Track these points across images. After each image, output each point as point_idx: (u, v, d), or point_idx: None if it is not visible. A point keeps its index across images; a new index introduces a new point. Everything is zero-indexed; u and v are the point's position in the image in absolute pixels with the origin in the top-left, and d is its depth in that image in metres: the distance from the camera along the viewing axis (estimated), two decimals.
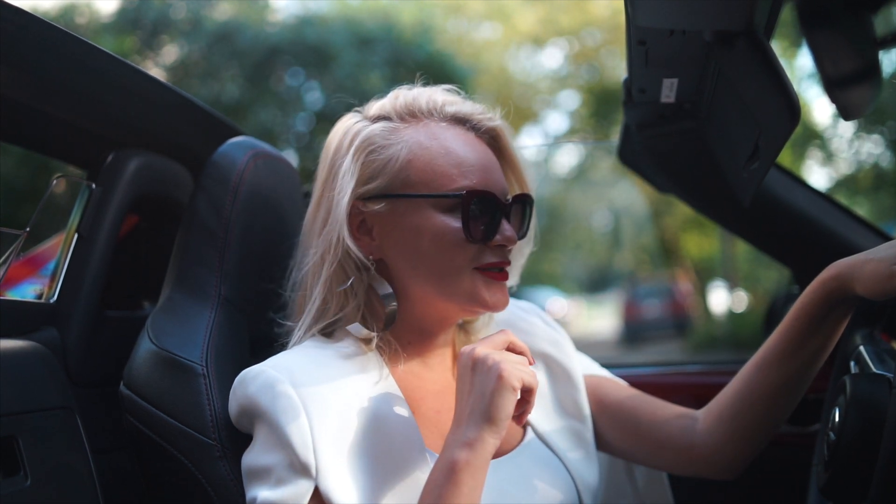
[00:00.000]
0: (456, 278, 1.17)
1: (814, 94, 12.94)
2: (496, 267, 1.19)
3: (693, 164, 1.76)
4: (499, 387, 1.04)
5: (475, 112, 1.24)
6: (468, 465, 1.03)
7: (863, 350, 1.24)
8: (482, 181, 1.17)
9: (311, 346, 1.20)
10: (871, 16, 0.93)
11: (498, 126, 1.26)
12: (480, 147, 1.22)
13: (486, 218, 1.17)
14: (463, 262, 1.17)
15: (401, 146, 1.19)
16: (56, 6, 11.25)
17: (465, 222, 1.15)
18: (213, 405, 1.19)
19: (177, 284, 1.36)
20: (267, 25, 12.26)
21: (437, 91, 1.26)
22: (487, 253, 1.18)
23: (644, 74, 1.40)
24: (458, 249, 1.16)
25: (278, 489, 1.05)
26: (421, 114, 1.22)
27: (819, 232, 1.75)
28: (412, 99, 1.24)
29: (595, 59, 17.01)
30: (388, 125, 1.22)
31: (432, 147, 1.18)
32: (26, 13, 1.19)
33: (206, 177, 1.41)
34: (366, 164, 1.19)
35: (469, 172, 1.17)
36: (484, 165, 1.19)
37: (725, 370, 1.96)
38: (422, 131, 1.20)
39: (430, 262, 1.17)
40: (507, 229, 1.19)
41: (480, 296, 1.18)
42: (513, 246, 1.20)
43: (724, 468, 1.30)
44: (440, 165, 1.17)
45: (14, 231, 1.36)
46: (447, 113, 1.22)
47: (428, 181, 1.17)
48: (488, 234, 1.17)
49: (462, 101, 1.26)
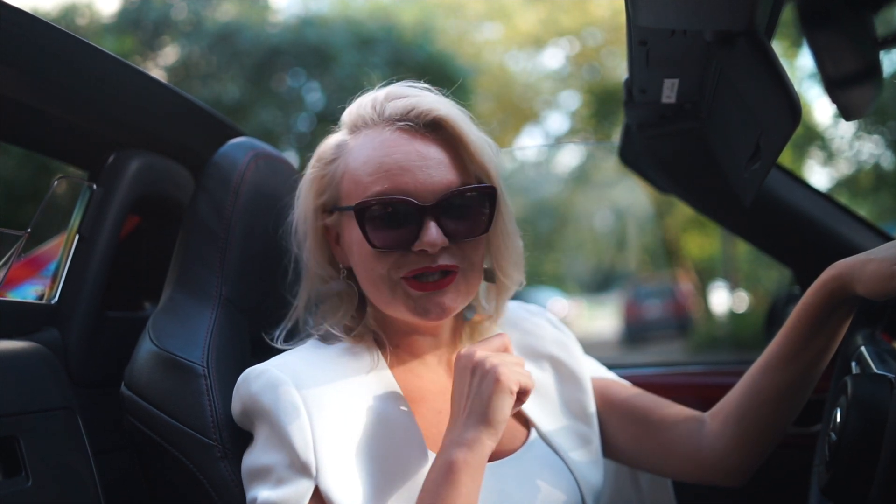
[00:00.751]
0: (382, 287, 1.16)
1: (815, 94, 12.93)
2: (419, 274, 1.14)
3: (694, 165, 1.76)
4: (497, 390, 1.05)
5: (411, 106, 1.17)
6: (466, 466, 1.03)
7: (864, 350, 1.24)
8: (394, 185, 1.12)
9: (313, 347, 1.21)
10: (872, 16, 0.93)
11: (440, 115, 1.16)
12: (410, 145, 1.15)
13: (396, 224, 1.12)
14: (383, 271, 1.14)
15: (340, 160, 1.20)
16: (56, 7, 11.26)
17: (364, 233, 1.13)
18: (214, 406, 1.19)
19: (178, 285, 1.36)
20: (268, 26, 12.27)
21: (383, 92, 1.22)
22: (410, 260, 1.14)
23: (645, 75, 1.40)
24: (373, 259, 1.15)
25: (279, 489, 1.05)
26: (364, 122, 1.21)
27: (820, 232, 1.75)
28: (360, 108, 1.23)
29: (596, 59, 17.00)
30: (340, 139, 1.23)
31: (359, 157, 1.17)
32: (27, 14, 1.19)
33: (207, 177, 1.41)
34: (317, 178, 1.23)
35: (381, 178, 1.13)
36: (401, 167, 1.13)
37: (727, 370, 1.96)
38: (360, 142, 1.19)
39: (361, 273, 1.19)
40: (430, 233, 1.11)
41: (403, 304, 1.16)
42: (435, 249, 1.12)
43: (729, 474, 1.30)
44: (359, 175, 1.16)
45: (15, 232, 1.36)
46: (384, 116, 1.19)
47: (351, 193, 1.17)
48: (404, 240, 1.13)
49: (405, 95, 1.20)
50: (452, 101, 1.22)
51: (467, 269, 1.17)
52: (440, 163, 1.15)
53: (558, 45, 17.90)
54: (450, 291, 1.16)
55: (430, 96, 1.20)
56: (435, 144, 1.16)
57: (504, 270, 1.26)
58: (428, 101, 1.18)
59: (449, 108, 1.18)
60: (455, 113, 1.18)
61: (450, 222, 1.14)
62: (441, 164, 1.15)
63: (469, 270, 1.18)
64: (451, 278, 1.15)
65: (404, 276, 1.14)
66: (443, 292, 1.15)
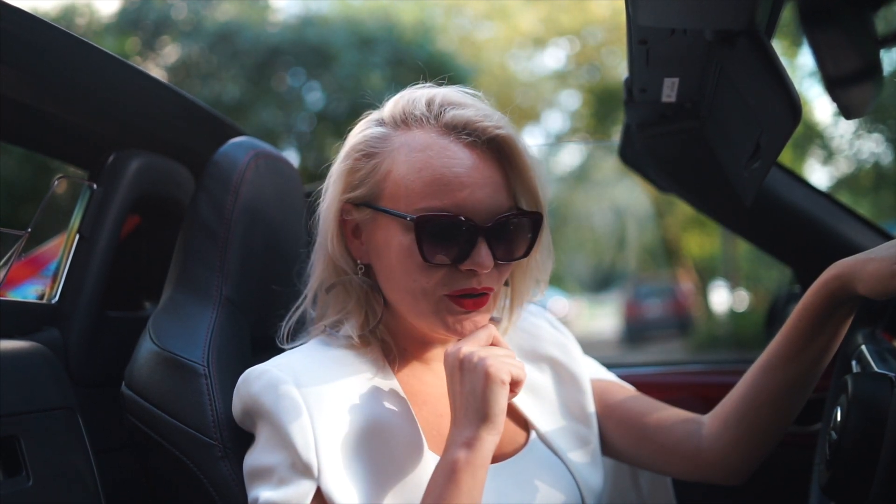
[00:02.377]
0: (420, 300, 1.14)
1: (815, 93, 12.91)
2: (466, 294, 1.13)
3: (694, 164, 1.75)
4: (489, 383, 1.05)
5: (475, 119, 1.13)
6: (468, 465, 1.03)
7: (864, 349, 1.24)
8: (453, 202, 1.09)
9: (316, 347, 1.20)
10: (872, 15, 0.93)
11: (502, 134, 1.13)
12: (470, 161, 1.11)
13: (454, 240, 1.10)
14: (428, 285, 1.12)
15: (384, 156, 1.15)
16: (56, 7, 11.26)
17: (420, 246, 1.10)
18: (215, 405, 1.19)
19: (178, 285, 1.36)
20: (268, 25, 12.27)
21: (439, 93, 1.18)
22: (459, 277, 1.12)
23: (645, 74, 1.40)
24: (419, 272, 1.12)
25: (280, 489, 1.05)
26: (414, 120, 1.15)
27: (820, 231, 1.74)
28: (410, 103, 1.17)
29: (596, 58, 17.00)
30: (382, 132, 1.17)
31: (411, 160, 1.12)
32: (27, 14, 1.19)
33: (207, 177, 1.41)
34: (352, 171, 1.17)
35: (441, 191, 1.10)
36: (462, 182, 1.10)
37: (727, 370, 1.96)
38: (409, 142, 1.14)
39: (399, 279, 1.15)
40: (482, 254, 1.10)
41: (443, 321, 1.14)
42: (486, 271, 1.11)
43: (730, 473, 1.30)
44: (412, 182, 1.11)
45: (16, 232, 1.36)
46: (442, 120, 1.14)
47: (399, 197, 1.12)
48: (456, 257, 1.10)
49: (465, 105, 1.16)
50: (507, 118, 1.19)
51: (497, 290, 1.17)
52: (496, 184, 1.12)
53: (558, 44, 17.90)
54: (485, 311, 1.15)
55: (490, 110, 1.16)
56: (492, 163, 1.13)
57: (527, 286, 1.27)
58: (491, 116, 1.14)
59: (509, 127, 1.15)
60: (515, 133, 1.15)
61: (498, 245, 1.12)
62: (497, 185, 1.12)
63: (499, 291, 1.18)
64: (487, 298, 1.15)
65: (448, 294, 1.13)
66: (479, 312, 1.14)
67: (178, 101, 1.56)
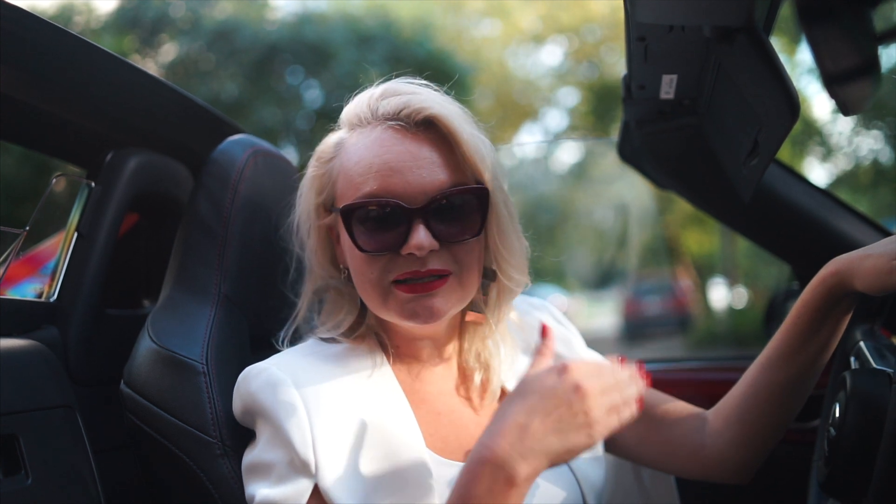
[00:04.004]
0: (372, 292, 1.14)
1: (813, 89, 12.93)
2: (409, 279, 1.11)
3: (693, 161, 1.76)
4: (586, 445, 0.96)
5: (404, 104, 1.13)
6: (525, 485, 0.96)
7: (863, 346, 1.25)
8: (382, 187, 1.09)
9: (314, 346, 1.21)
10: (871, 11, 0.93)
11: (432, 114, 1.12)
12: (402, 145, 1.11)
13: (385, 227, 1.10)
14: (373, 275, 1.12)
15: (337, 160, 1.18)
16: (54, 5, 11.24)
17: (352, 236, 1.11)
18: (214, 403, 1.19)
19: (177, 283, 1.36)
20: (266, 24, 12.27)
21: (378, 90, 1.19)
22: (399, 263, 1.11)
23: (643, 71, 1.40)
24: (363, 263, 1.12)
25: (278, 487, 1.05)
26: (359, 121, 1.18)
27: (819, 228, 1.75)
28: (356, 105, 1.20)
29: (595, 55, 16.99)
30: (338, 136, 1.21)
31: (352, 156, 1.14)
32: (25, 12, 1.19)
33: (205, 175, 1.41)
34: (316, 178, 1.21)
35: (370, 179, 1.10)
36: (391, 168, 1.10)
37: (726, 366, 1.96)
38: (355, 141, 1.16)
39: (355, 277, 1.17)
40: (417, 235, 1.08)
41: (395, 309, 1.13)
42: (423, 253, 1.09)
43: (734, 471, 1.30)
44: (351, 176, 1.13)
45: (14, 230, 1.36)
46: (378, 114, 1.16)
47: (345, 194, 1.15)
48: (392, 243, 1.10)
49: (400, 93, 1.16)
50: (451, 98, 1.19)
51: (461, 272, 1.14)
52: (432, 163, 1.11)
53: (557, 41, 17.88)
54: (440, 295, 1.12)
55: (425, 93, 1.16)
56: (427, 144, 1.12)
57: (505, 272, 1.21)
58: (421, 98, 1.14)
59: (442, 105, 1.14)
60: (449, 111, 1.14)
61: (440, 225, 1.10)
62: (433, 164, 1.11)
63: (463, 273, 1.14)
64: (443, 282, 1.12)
65: (394, 280, 1.12)
66: (432, 295, 1.11)
67: (177, 100, 1.55)
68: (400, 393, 1.19)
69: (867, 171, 12.74)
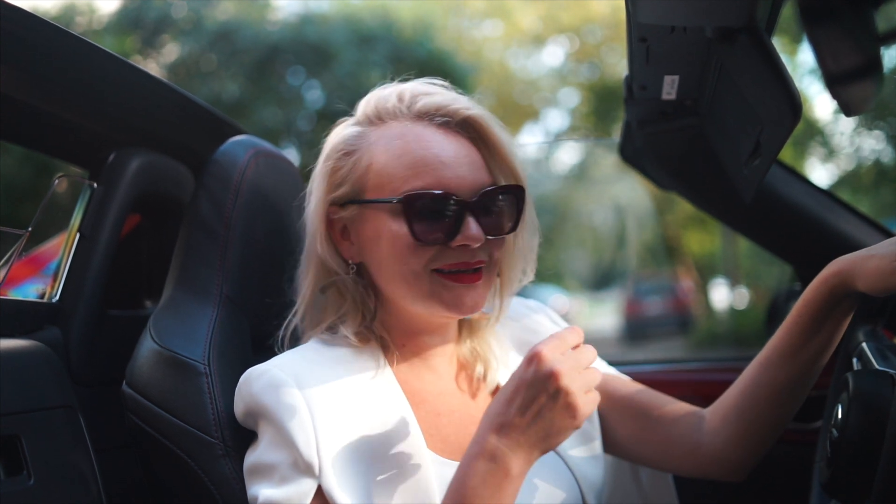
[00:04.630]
0: (415, 283, 1.15)
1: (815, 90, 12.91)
2: (457, 268, 1.15)
3: (694, 161, 1.75)
4: (574, 426, 1.01)
5: (446, 103, 1.18)
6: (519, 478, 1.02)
7: (865, 347, 1.24)
8: (436, 180, 1.12)
9: (315, 347, 1.21)
10: (873, 11, 0.93)
11: (472, 115, 1.18)
12: (445, 142, 1.16)
13: (442, 218, 1.12)
14: (419, 265, 1.14)
15: (363, 152, 1.18)
16: (56, 6, 11.26)
17: (411, 226, 1.12)
18: (216, 404, 1.19)
19: (179, 283, 1.36)
20: (267, 24, 12.27)
21: (407, 87, 1.22)
22: (449, 254, 1.14)
23: (645, 71, 1.40)
24: (411, 254, 1.14)
25: (281, 487, 1.06)
26: (387, 115, 1.19)
27: (820, 228, 1.74)
28: (381, 100, 1.21)
29: (596, 56, 16.99)
30: (358, 130, 1.21)
31: (390, 149, 1.16)
32: (27, 13, 1.19)
33: (207, 175, 1.41)
34: (333, 171, 1.20)
35: (422, 172, 1.13)
36: (442, 162, 1.14)
37: (727, 367, 1.96)
38: (385, 134, 1.17)
39: (390, 267, 1.16)
40: (471, 227, 1.12)
41: (440, 298, 1.15)
42: (477, 244, 1.13)
43: (731, 469, 1.30)
44: (393, 168, 1.14)
45: (16, 231, 1.36)
46: (413, 110, 1.18)
47: (383, 185, 1.15)
48: (446, 234, 1.13)
49: (432, 93, 1.20)
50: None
51: (491, 266, 1.19)
52: (473, 161, 1.16)
53: (558, 42, 17.89)
54: (479, 286, 1.17)
55: (458, 95, 1.21)
56: (466, 143, 1.17)
57: (515, 267, 1.27)
58: (459, 99, 1.19)
59: (479, 108, 1.19)
60: (485, 113, 1.19)
61: (485, 219, 1.15)
62: (474, 163, 1.16)
63: (491, 267, 1.19)
64: (481, 274, 1.17)
65: (438, 270, 1.14)
66: (475, 286, 1.16)
67: (179, 100, 1.56)
68: (400, 394, 1.19)
69: (869, 172, 12.73)
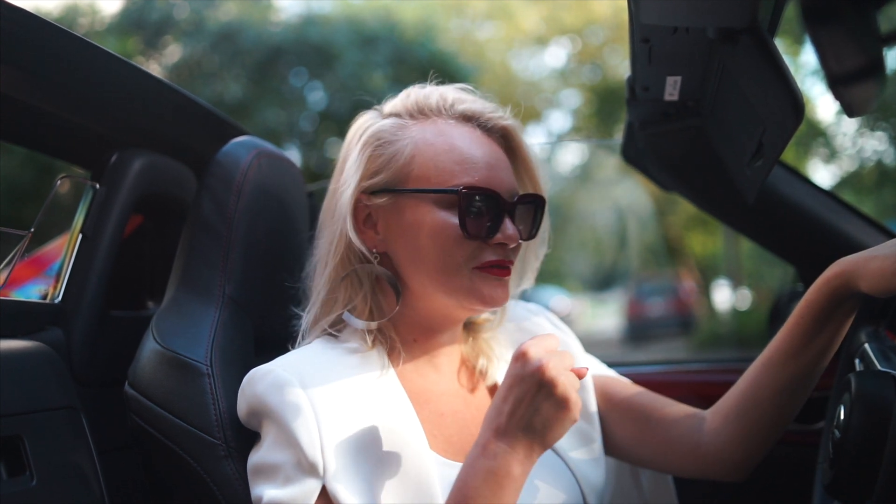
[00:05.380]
0: (454, 275, 1.17)
1: (818, 91, 12.91)
2: (496, 265, 1.18)
3: (697, 162, 1.75)
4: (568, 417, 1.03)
5: (485, 110, 1.24)
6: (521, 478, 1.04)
7: (868, 348, 1.24)
8: (484, 178, 1.17)
9: (319, 346, 1.21)
10: (875, 12, 0.93)
11: (509, 125, 1.25)
12: (488, 145, 1.22)
13: (486, 215, 1.16)
14: (461, 258, 1.17)
15: (406, 142, 1.20)
16: (59, 7, 11.28)
17: (462, 219, 1.15)
18: (218, 404, 1.19)
19: (181, 284, 1.36)
20: (270, 25, 12.28)
21: (448, 89, 1.27)
22: (487, 251, 1.18)
23: (647, 72, 1.40)
24: (455, 246, 1.16)
25: (286, 488, 1.06)
26: (430, 111, 1.23)
27: (823, 229, 1.74)
28: (423, 97, 1.25)
29: (598, 57, 16.99)
30: (398, 122, 1.23)
31: (437, 143, 1.19)
32: (29, 14, 1.19)
33: (209, 176, 1.41)
34: (372, 159, 1.21)
35: (471, 169, 1.17)
36: (488, 163, 1.19)
37: (730, 368, 1.96)
38: (429, 128, 1.21)
39: (429, 257, 1.18)
40: (509, 227, 1.17)
41: (479, 292, 1.17)
42: (514, 244, 1.19)
43: (731, 469, 1.30)
44: (442, 161, 1.18)
45: (19, 232, 1.36)
46: (457, 111, 1.23)
47: (429, 177, 1.18)
48: (488, 231, 1.17)
49: (473, 99, 1.26)
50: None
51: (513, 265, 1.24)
52: (508, 168, 1.23)
53: (560, 43, 17.89)
54: (508, 283, 1.22)
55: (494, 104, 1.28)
56: (501, 150, 1.24)
57: (522, 272, 1.34)
58: (497, 109, 1.26)
59: (513, 119, 1.27)
60: (518, 125, 1.28)
61: (518, 222, 1.21)
62: (509, 168, 1.23)
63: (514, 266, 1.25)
64: (510, 271, 1.21)
65: (479, 266, 1.17)
66: (506, 282, 1.21)
67: (181, 101, 1.56)
68: (404, 395, 1.19)
69: (871, 173, 12.72)
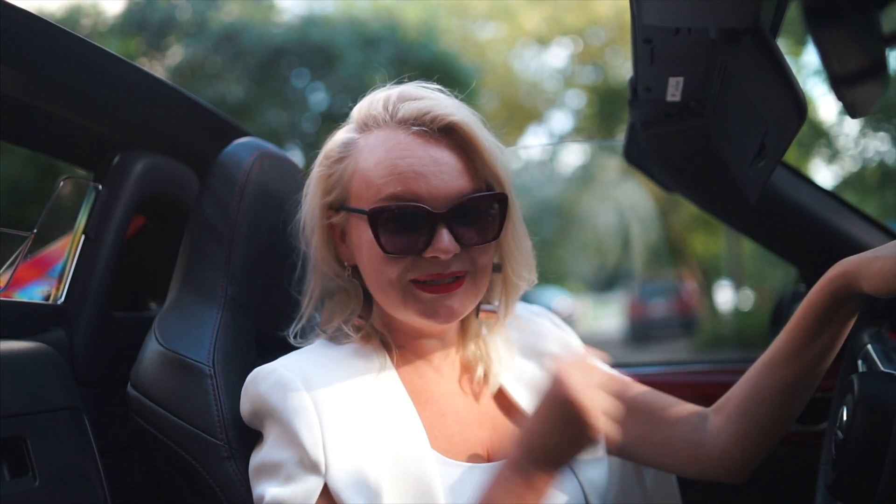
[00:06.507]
0: (390, 291, 1.15)
1: (820, 91, 12.90)
2: (432, 279, 1.14)
3: (699, 163, 1.75)
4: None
5: (425, 110, 1.15)
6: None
7: (870, 348, 1.24)
8: (410, 190, 1.11)
9: (321, 347, 1.21)
10: (878, 13, 0.93)
11: (454, 120, 1.14)
12: (423, 148, 1.13)
13: (410, 230, 1.12)
14: (393, 275, 1.14)
15: (350, 159, 1.19)
16: (61, 8, 11.30)
17: (377, 237, 1.12)
18: (221, 405, 1.19)
19: (183, 285, 1.36)
20: (272, 26, 12.30)
21: (395, 92, 1.20)
22: (423, 265, 1.13)
23: (650, 73, 1.40)
24: (384, 264, 1.14)
25: (288, 486, 1.06)
26: (373, 122, 1.19)
27: (825, 230, 1.74)
28: (371, 105, 1.21)
29: (600, 58, 16.98)
30: (350, 136, 1.21)
31: (370, 158, 1.15)
32: (32, 15, 1.19)
33: (212, 177, 1.41)
34: (326, 176, 1.21)
35: (395, 181, 1.12)
36: (416, 171, 1.12)
37: (732, 369, 1.96)
38: (369, 142, 1.17)
39: (370, 275, 1.18)
40: (443, 239, 1.11)
41: (416, 308, 1.15)
42: (447, 256, 1.12)
43: (733, 470, 1.30)
44: (371, 176, 1.14)
45: (21, 233, 1.36)
46: (396, 118, 1.17)
47: (363, 194, 1.15)
48: (417, 246, 1.12)
49: (419, 98, 1.18)
50: (464, 104, 1.21)
51: (476, 272, 1.17)
52: (453, 168, 1.14)
53: (562, 44, 17.88)
54: (458, 295, 1.16)
55: (444, 99, 1.18)
56: (448, 150, 1.15)
57: (515, 271, 1.25)
58: (442, 104, 1.16)
59: (463, 112, 1.17)
60: (469, 118, 1.17)
61: (462, 229, 1.13)
62: (454, 169, 1.14)
63: (477, 274, 1.17)
64: (460, 283, 1.15)
65: (414, 280, 1.14)
66: (451, 295, 1.15)
67: (183, 102, 1.56)
68: (404, 395, 1.19)
69: (874, 173, 12.70)
